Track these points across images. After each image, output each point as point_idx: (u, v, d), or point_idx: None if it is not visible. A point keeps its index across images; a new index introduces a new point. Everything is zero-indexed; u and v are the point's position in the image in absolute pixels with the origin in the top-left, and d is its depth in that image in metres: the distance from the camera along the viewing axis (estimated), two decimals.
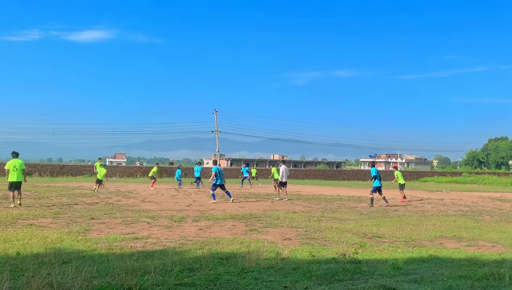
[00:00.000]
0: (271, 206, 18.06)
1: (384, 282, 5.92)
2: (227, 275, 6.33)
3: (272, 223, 12.63)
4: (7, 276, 5.68)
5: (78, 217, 13.08)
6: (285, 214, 14.88)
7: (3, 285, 5.26)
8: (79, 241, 9.17)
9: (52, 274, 5.83)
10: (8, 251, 7.90)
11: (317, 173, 60.30)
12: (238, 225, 12.09)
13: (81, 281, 5.52)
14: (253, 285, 5.76)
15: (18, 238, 9.17)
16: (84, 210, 14.89)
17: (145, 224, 12.02)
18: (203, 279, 6.06)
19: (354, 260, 7.34)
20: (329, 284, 5.87)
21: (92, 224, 11.76)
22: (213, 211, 15.65)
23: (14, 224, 11.25)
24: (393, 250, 8.88)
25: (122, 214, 14.09)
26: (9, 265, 6.78)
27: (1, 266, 6.70)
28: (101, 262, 7.15)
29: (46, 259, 7.15)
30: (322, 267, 6.78)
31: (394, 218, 14.54)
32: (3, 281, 5.35)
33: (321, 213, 15.64)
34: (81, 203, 17.44)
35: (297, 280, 6.06)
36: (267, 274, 6.37)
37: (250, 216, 14.08)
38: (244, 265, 6.84)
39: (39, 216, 12.97)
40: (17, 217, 12.58)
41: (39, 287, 5.26)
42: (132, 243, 9.08)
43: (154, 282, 5.77)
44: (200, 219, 13.30)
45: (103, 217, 13.13)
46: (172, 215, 14.10)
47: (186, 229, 11.31)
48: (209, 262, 7.02)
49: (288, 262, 7.25)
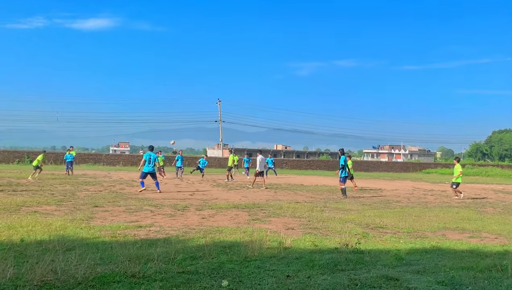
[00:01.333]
0: (274, 196, 18.11)
1: (386, 272, 5.94)
2: (230, 263, 6.35)
3: (275, 212, 12.67)
4: (11, 262, 5.70)
5: (82, 204, 13.15)
6: (288, 204, 14.91)
7: (8, 271, 5.29)
8: (82, 228, 9.23)
9: (56, 261, 5.87)
10: (12, 238, 7.97)
11: (320, 164, 60.26)
12: (241, 215, 12.13)
13: (85, 268, 5.55)
14: (256, 274, 5.78)
15: (22, 225, 9.24)
16: (88, 198, 14.96)
17: (149, 212, 12.08)
18: (206, 267, 6.09)
19: (356, 250, 7.36)
20: (331, 273, 5.89)
21: (96, 211, 11.83)
22: (216, 200, 15.71)
23: (18, 211, 11.32)
24: (395, 240, 8.89)
25: (126, 202, 14.16)
26: (13, 252, 6.84)
27: (6, 252, 6.75)
28: (104, 249, 7.18)
29: (50, 246, 7.20)
30: (324, 257, 6.80)
31: (397, 209, 14.56)
32: (8, 267, 5.39)
33: (323, 203, 15.67)
34: (85, 190, 17.53)
35: (300, 269, 6.08)
36: (270, 263, 6.39)
37: (253, 206, 14.12)
38: (247, 254, 6.87)
39: (43, 204, 13.06)
40: (21, 204, 12.67)
41: (43, 274, 5.30)
42: (136, 231, 9.13)
43: (157, 269, 5.80)
44: (203, 208, 13.35)
45: (106, 205, 13.21)
46: (176, 203, 14.16)
47: (189, 217, 11.36)
48: (212, 251, 7.04)
49: (291, 251, 7.27)
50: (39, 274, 5.27)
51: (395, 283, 5.44)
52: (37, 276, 5.21)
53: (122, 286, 5.15)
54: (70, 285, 5.08)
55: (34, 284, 5.03)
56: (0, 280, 5.07)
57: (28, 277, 5.23)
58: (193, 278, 5.52)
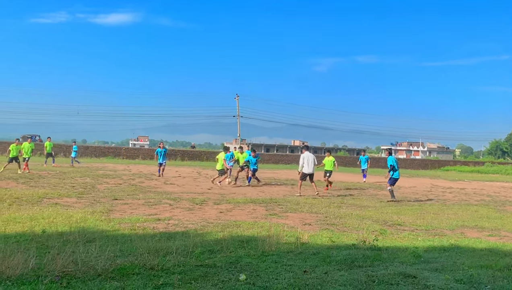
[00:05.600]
0: (291, 191, 18.11)
1: (404, 269, 5.92)
2: (247, 257, 6.40)
3: (292, 208, 12.68)
4: (34, 253, 5.81)
5: (102, 197, 13.35)
6: (305, 199, 14.92)
7: (30, 262, 5.38)
8: (102, 221, 9.38)
9: (76, 252, 5.96)
10: (34, 229, 8.13)
11: (337, 160, 59.92)
12: (258, 209, 12.18)
13: (105, 259, 5.62)
14: (273, 269, 5.81)
15: (44, 217, 9.42)
16: (108, 190, 15.16)
17: (167, 205, 12.20)
18: (224, 261, 6.15)
19: (374, 247, 7.33)
20: (348, 269, 5.89)
21: (115, 204, 12.00)
22: (233, 194, 15.77)
23: (40, 203, 11.54)
24: (413, 238, 8.84)
25: (145, 195, 14.32)
26: (36, 242, 6.99)
27: (28, 243, 6.90)
28: (124, 241, 7.30)
29: (71, 238, 7.34)
30: (341, 253, 6.80)
31: (415, 206, 14.45)
32: (30, 258, 5.48)
33: (341, 199, 15.63)
34: (105, 183, 17.75)
35: (317, 265, 6.10)
36: (287, 258, 6.41)
37: (270, 201, 14.16)
38: (264, 248, 6.90)
39: (64, 196, 13.27)
40: (42, 196, 12.90)
41: (64, 265, 5.38)
42: (155, 224, 9.24)
43: (176, 262, 5.86)
44: (221, 202, 13.43)
45: (126, 198, 13.38)
46: (194, 197, 14.26)
47: (207, 211, 11.44)
48: (230, 245, 7.10)
49: (308, 247, 7.29)
50: (60, 265, 5.35)
51: (413, 281, 5.42)
52: (58, 267, 5.30)
53: (141, 278, 5.22)
54: (90, 276, 5.16)
55: (56, 275, 5.11)
56: (23, 270, 5.16)
57: (50, 267, 5.32)
58: (211, 272, 5.58)
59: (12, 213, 9.73)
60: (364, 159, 26.77)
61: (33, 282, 4.88)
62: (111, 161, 38.18)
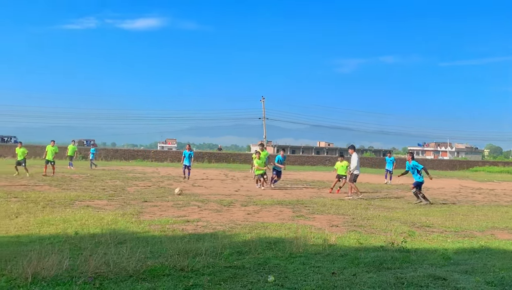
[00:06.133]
0: (318, 192, 18.07)
1: (433, 271, 5.87)
2: (275, 259, 6.44)
3: (319, 209, 12.67)
4: (67, 254, 5.97)
5: (132, 199, 13.59)
6: (331, 201, 14.88)
7: (64, 263, 5.51)
8: (133, 222, 9.57)
9: (108, 254, 6.12)
10: (67, 231, 8.36)
11: (363, 161, 59.22)
12: (285, 211, 12.21)
13: (136, 261, 5.72)
14: (301, 270, 5.84)
15: (76, 219, 9.66)
16: (137, 193, 15.42)
17: (196, 207, 12.35)
18: (252, 262, 6.20)
19: (402, 248, 7.29)
20: (377, 271, 5.88)
21: (145, 206, 12.20)
22: (260, 196, 15.83)
23: (72, 205, 11.83)
24: (442, 240, 8.74)
25: (173, 197, 14.51)
26: (69, 244, 7.18)
27: (61, 245, 7.09)
28: (154, 243, 7.43)
29: (102, 239, 7.50)
30: (370, 255, 6.77)
31: (444, 208, 14.25)
32: (64, 259, 5.61)
33: (368, 201, 15.52)
34: (134, 186, 18.05)
35: (345, 266, 6.10)
36: (315, 260, 6.43)
37: (297, 202, 14.17)
38: (291, 250, 6.94)
39: (95, 198, 13.58)
40: (74, 198, 13.22)
41: (96, 266, 5.50)
42: (184, 226, 9.38)
43: (205, 264, 5.94)
44: (248, 204, 13.51)
45: (155, 200, 13.59)
46: (221, 199, 14.38)
47: (234, 213, 11.54)
48: (258, 246, 7.15)
49: (336, 248, 7.29)
50: (93, 266, 5.47)
51: (443, 283, 5.38)
52: (91, 268, 5.42)
53: (171, 279, 5.30)
54: (122, 277, 5.27)
55: (89, 276, 5.23)
56: (57, 271, 5.30)
57: (83, 268, 5.45)
58: (240, 273, 5.63)
59: (45, 215, 10.01)
60: (389, 161, 26.49)
61: (67, 283, 4.99)
62: (140, 164, 38.73)
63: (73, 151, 29.63)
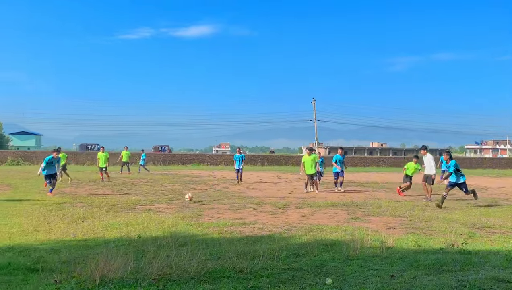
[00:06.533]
0: (372, 194, 17.84)
1: (496, 273, 5.72)
2: (333, 261, 6.46)
3: (374, 211, 12.53)
4: (132, 257, 6.21)
5: (190, 202, 13.95)
6: (387, 202, 14.66)
7: (129, 265, 5.74)
8: (192, 225, 9.84)
9: (170, 256, 6.31)
10: (130, 234, 8.70)
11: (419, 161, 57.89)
12: (340, 213, 12.16)
13: (197, 263, 5.88)
14: (359, 273, 5.83)
15: (138, 222, 10.05)
16: (195, 196, 15.78)
17: (251, 210, 12.54)
18: (310, 264, 6.25)
19: (463, 250, 7.13)
20: (437, 274, 5.79)
21: (203, 209, 12.52)
22: (314, 198, 15.83)
23: (134, 209, 12.30)
24: (505, 241, 8.44)
25: (230, 200, 14.80)
26: (132, 247, 7.47)
27: (126, 248, 7.39)
28: (213, 245, 7.62)
29: (164, 242, 7.76)
30: (429, 257, 6.67)
31: (505, 207, 13.74)
32: (129, 261, 5.84)
33: (425, 202, 15.17)
34: (192, 189, 18.48)
35: (404, 269, 6.03)
36: (373, 262, 6.40)
37: (352, 204, 14.07)
38: (348, 252, 6.93)
39: (155, 202, 14.06)
40: (136, 202, 13.73)
41: (159, 268, 5.69)
42: (241, 228, 9.55)
43: (263, 266, 6.02)
44: (302, 206, 13.55)
45: (212, 203, 13.92)
46: (276, 201, 14.51)
47: (289, 215, 11.62)
48: (314, 248, 7.20)
49: (394, 251, 7.21)
50: (156, 268, 5.67)
51: (507, 285, 5.24)
52: (154, 270, 5.61)
53: (231, 281, 5.42)
54: (184, 279, 5.42)
55: (152, 278, 5.42)
56: (123, 273, 5.51)
57: (147, 271, 5.64)
58: (297, 275, 5.70)
59: (109, 219, 10.46)
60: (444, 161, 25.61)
61: (133, 285, 5.18)
62: (196, 168, 39.59)
63: (127, 157, 30.71)
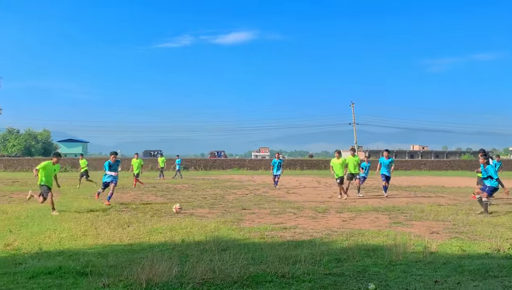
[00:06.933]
0: (414, 199, 17.55)
1: None
2: (375, 267, 6.43)
3: (417, 216, 12.34)
4: (176, 261, 6.31)
5: (231, 207, 14.15)
6: (429, 207, 14.41)
7: (173, 269, 5.85)
8: (234, 230, 9.96)
9: (213, 261, 6.44)
10: (174, 239, 8.86)
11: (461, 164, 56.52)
12: (381, 218, 12.05)
13: (239, 267, 5.95)
14: (402, 278, 5.78)
15: (182, 227, 10.25)
16: (236, 201, 15.98)
17: (292, 214, 12.59)
18: (352, 269, 6.23)
19: (509, 256, 6.96)
20: (483, 280, 5.69)
21: (244, 214, 12.66)
22: (354, 203, 15.72)
23: (177, 214, 12.53)
24: None
25: (270, 205, 14.90)
26: (176, 251, 7.61)
27: (170, 252, 7.54)
28: (255, 250, 7.69)
29: (207, 247, 7.87)
30: (474, 263, 6.56)
31: None
32: (173, 266, 5.96)
33: (469, 206, 14.82)
34: (232, 194, 18.69)
35: (448, 275, 5.95)
36: (416, 268, 6.33)
37: (393, 209, 13.90)
38: (391, 257, 6.87)
39: (197, 207, 14.31)
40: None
41: (203, 272, 5.78)
42: (282, 233, 9.60)
43: (305, 271, 6.05)
44: (343, 210, 13.50)
45: (253, 208, 14.05)
46: (316, 206, 14.50)
47: (330, 220, 11.60)
48: (356, 254, 7.16)
49: (437, 256, 7.11)
50: (200, 272, 5.76)
51: None
52: (198, 275, 5.70)
53: (273, 285, 5.47)
54: (227, 284, 5.50)
55: (196, 282, 5.51)
56: (168, 277, 5.63)
57: (191, 275, 5.73)
58: (339, 280, 5.70)
59: (154, 224, 10.71)
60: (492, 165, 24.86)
61: (178, 289, 5.31)
62: (236, 173, 39.92)
63: (163, 162, 31.67)
